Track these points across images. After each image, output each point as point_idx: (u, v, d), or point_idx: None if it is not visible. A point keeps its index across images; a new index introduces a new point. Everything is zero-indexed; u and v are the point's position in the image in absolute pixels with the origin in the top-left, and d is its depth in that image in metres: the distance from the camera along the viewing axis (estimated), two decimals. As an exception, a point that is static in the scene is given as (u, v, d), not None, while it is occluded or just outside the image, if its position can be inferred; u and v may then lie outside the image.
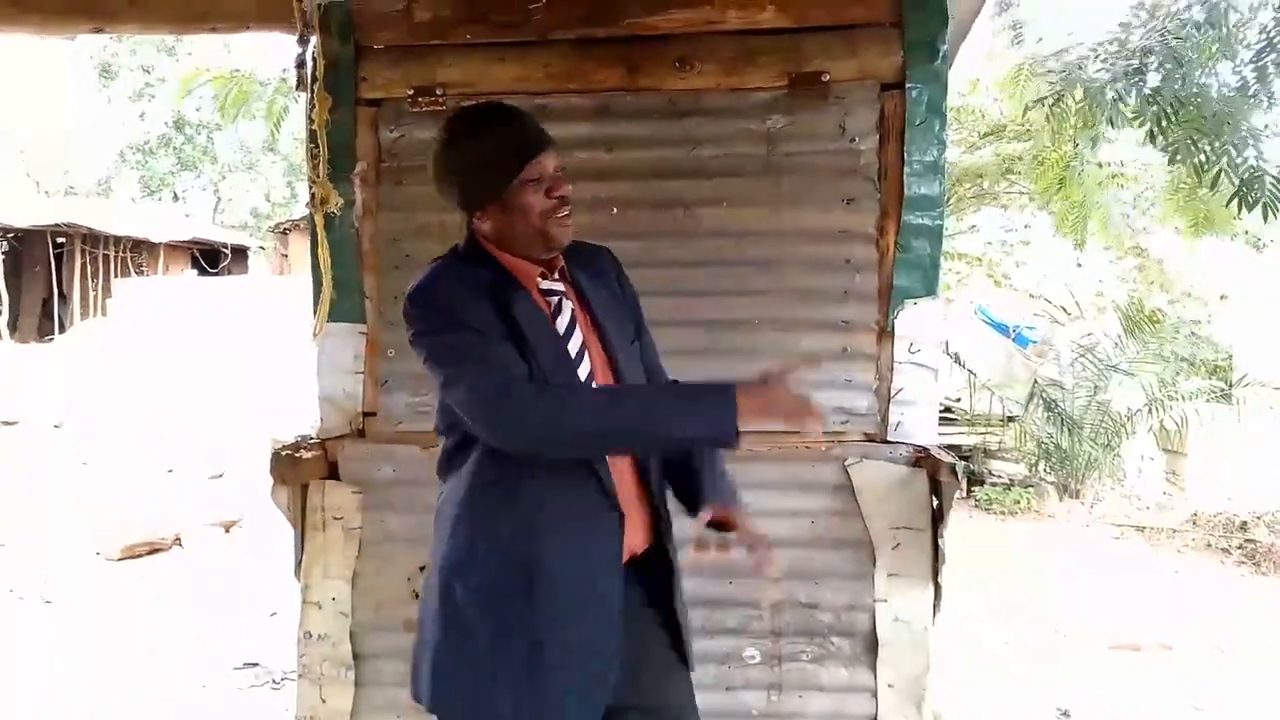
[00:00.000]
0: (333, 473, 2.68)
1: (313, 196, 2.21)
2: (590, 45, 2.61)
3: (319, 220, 2.26)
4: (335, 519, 2.68)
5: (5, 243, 20.73)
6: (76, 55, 27.99)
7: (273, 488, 2.59)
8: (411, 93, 2.65)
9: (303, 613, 2.70)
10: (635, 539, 1.75)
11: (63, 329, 19.30)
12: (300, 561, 2.70)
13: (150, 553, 6.54)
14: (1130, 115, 4.47)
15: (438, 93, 2.64)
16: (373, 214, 2.68)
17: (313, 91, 2.48)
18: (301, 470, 2.61)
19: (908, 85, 2.55)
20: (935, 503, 2.53)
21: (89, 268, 21.10)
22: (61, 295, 20.89)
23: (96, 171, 29.57)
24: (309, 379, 2.73)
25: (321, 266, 2.57)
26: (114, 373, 12.97)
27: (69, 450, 9.80)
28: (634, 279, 1.96)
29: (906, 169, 2.56)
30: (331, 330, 2.69)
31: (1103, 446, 8.03)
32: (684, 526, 1.86)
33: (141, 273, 22.20)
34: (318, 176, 2.24)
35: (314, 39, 2.32)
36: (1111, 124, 4.62)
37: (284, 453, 2.59)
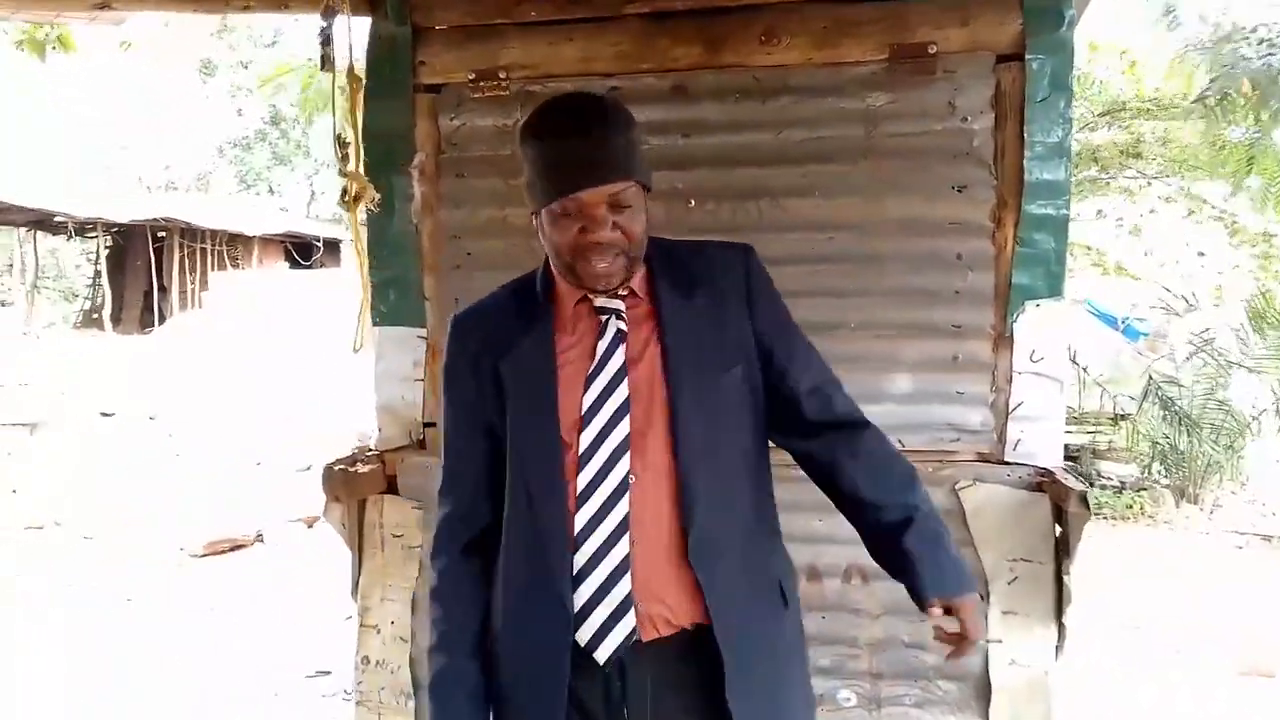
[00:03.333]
0: (391, 487, 2.50)
1: (343, 193, 1.98)
2: (666, 20, 2.36)
3: (353, 219, 2.03)
4: (394, 536, 2.50)
5: (109, 237, 21.46)
6: (178, 52, 28.80)
7: (326, 505, 2.42)
8: (473, 77, 2.44)
9: (360, 637, 2.54)
10: (676, 618, 1.43)
11: (163, 321, 19.87)
12: (357, 582, 2.53)
13: (232, 549, 6.54)
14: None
15: (500, 76, 2.43)
16: (432, 209, 2.48)
17: (337, 70, 2.23)
18: (358, 485, 2.44)
19: (1028, 56, 2.24)
20: (1059, 531, 2.23)
21: (187, 261, 21.67)
22: (162, 288, 21.52)
23: (196, 167, 30.41)
24: (367, 388, 2.55)
25: (360, 271, 2.36)
26: (208, 365, 13.23)
27: (161, 443, 9.98)
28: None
29: (1026, 151, 2.25)
30: (389, 335, 2.51)
31: (1224, 448, 7.48)
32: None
33: (237, 266, 22.71)
34: (348, 169, 2.00)
35: (344, 14, 2.08)
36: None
37: (337, 467, 2.41)
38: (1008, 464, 2.28)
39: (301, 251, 25.02)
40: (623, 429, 1.41)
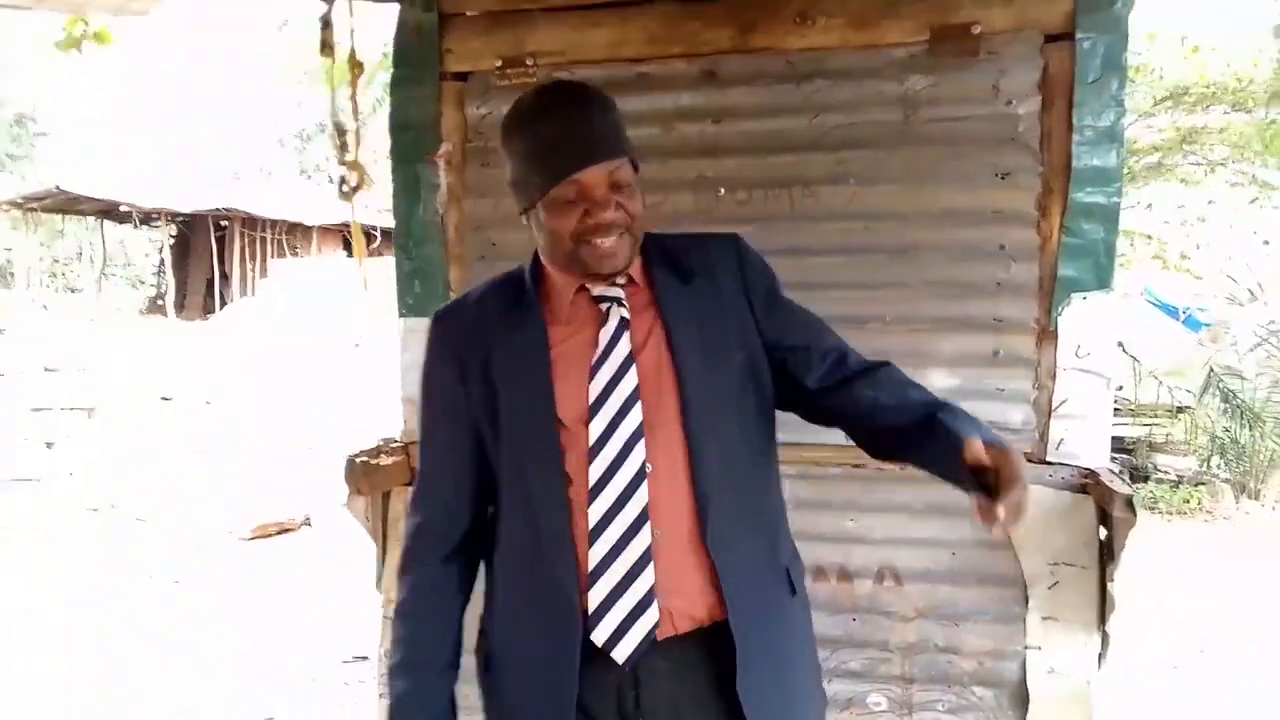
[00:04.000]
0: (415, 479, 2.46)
1: (342, 182, 1.93)
2: (696, 2, 2.28)
3: (352, 210, 1.97)
4: (420, 530, 2.46)
5: (174, 227, 21.93)
6: (240, 46, 29.30)
7: (348, 497, 2.39)
8: (500, 64, 2.39)
9: (384, 630, 2.51)
10: (697, 612, 1.38)
11: (224, 308, 20.25)
12: (381, 576, 2.51)
13: (279, 533, 6.62)
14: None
15: (528, 63, 2.37)
16: (458, 199, 2.44)
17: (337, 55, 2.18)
18: (381, 477, 2.41)
19: (1078, 36, 2.12)
20: (1103, 535, 2.13)
21: (248, 250, 22.06)
22: (224, 276, 21.94)
23: (259, 158, 30.95)
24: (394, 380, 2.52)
25: (359, 263, 2.31)
26: (264, 351, 13.44)
27: (217, 427, 10.15)
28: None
29: (1075, 136, 2.13)
30: (414, 326, 2.47)
31: (1287, 442, 7.21)
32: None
33: (296, 254, 23.06)
34: (346, 158, 1.95)
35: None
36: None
37: (359, 459, 2.38)
38: (1050, 464, 2.18)
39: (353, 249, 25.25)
40: (634, 417, 1.37)
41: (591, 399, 1.37)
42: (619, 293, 1.43)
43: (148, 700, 3.95)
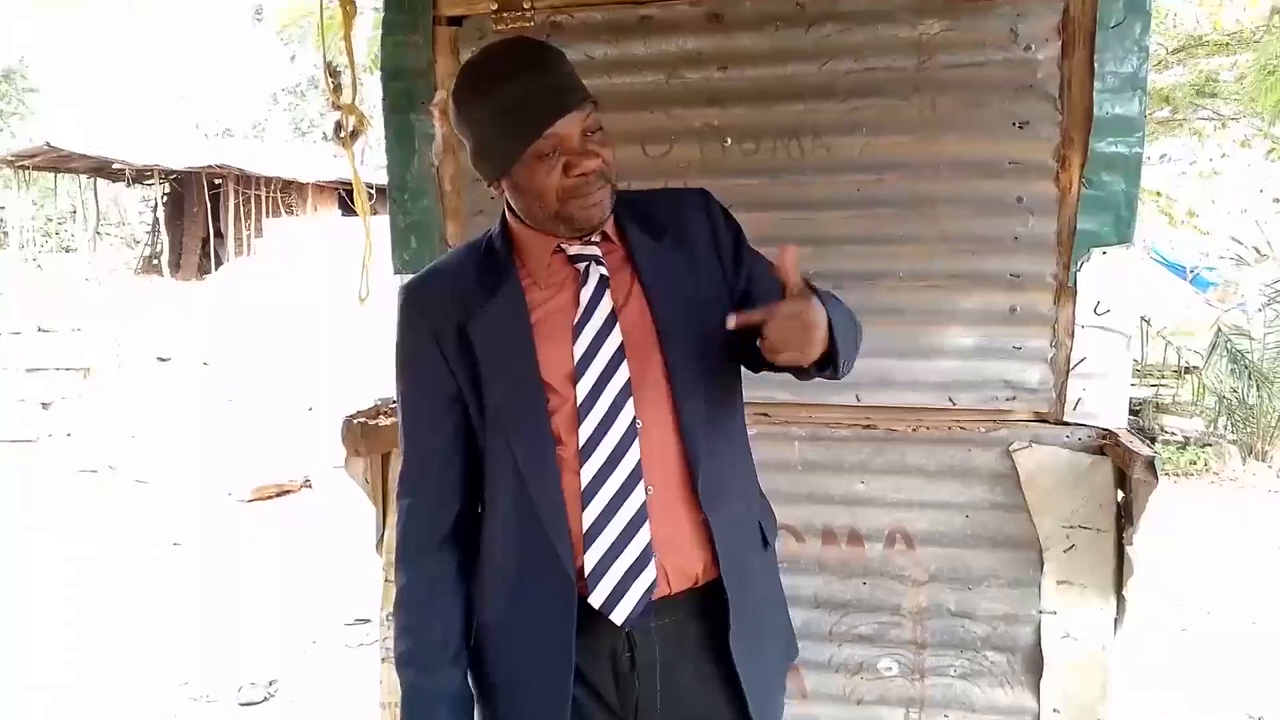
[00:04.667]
0: (415, 440, 2.39)
1: (338, 127, 1.84)
2: (703, -59, 2.17)
3: (349, 155, 1.88)
4: (419, 492, 2.40)
5: (167, 184, 21.70)
6: (233, 1, 28.92)
7: (346, 459, 2.33)
8: (495, 7, 2.28)
9: (384, 593, 2.47)
10: (691, 568, 1.38)
11: (219, 267, 20.11)
12: (382, 538, 2.45)
13: (279, 494, 6.59)
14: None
15: (525, 6, 2.27)
16: (454, 151, 2.35)
17: None
18: (379, 439, 2.34)
19: (1101, -24, 2.02)
20: (1121, 497, 2.07)
21: (242, 208, 21.85)
22: (218, 234, 21.75)
23: (251, 114, 30.66)
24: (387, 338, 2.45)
25: (360, 214, 2.22)
26: (261, 311, 13.34)
27: (215, 388, 10.10)
28: (749, 226, 1.53)
29: (1097, 83, 2.04)
30: (410, 283, 2.39)
31: (1297, 403, 7.16)
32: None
33: (291, 212, 22.85)
34: (341, 100, 1.85)
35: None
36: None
37: (357, 421, 2.32)
38: (1067, 424, 2.11)
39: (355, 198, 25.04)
40: (621, 375, 1.35)
41: (576, 359, 1.35)
42: (595, 251, 1.39)
43: (148, 663, 3.92)
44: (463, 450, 1.42)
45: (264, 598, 4.66)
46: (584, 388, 1.34)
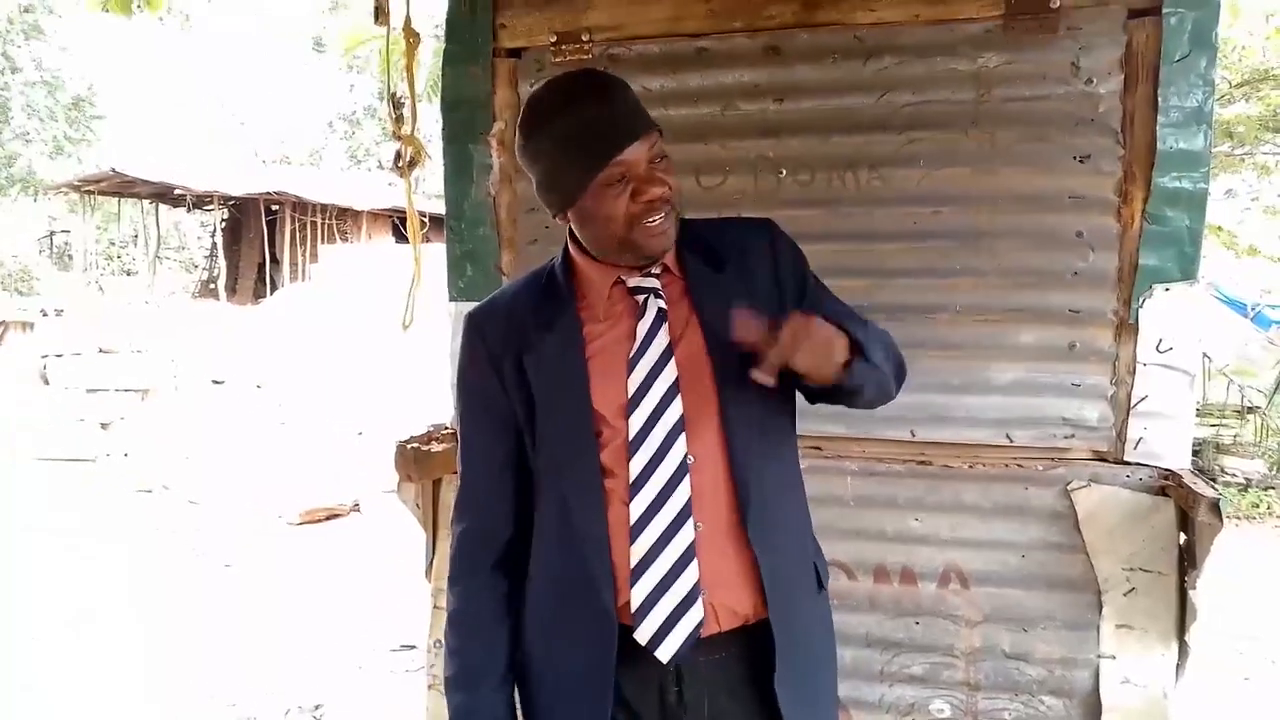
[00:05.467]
0: (466, 467, 2.41)
1: (397, 156, 1.87)
2: (760, -26, 2.19)
3: (407, 185, 1.91)
4: (468, 518, 2.41)
5: (226, 210, 22.20)
6: (293, 30, 29.61)
7: (399, 484, 2.35)
8: (554, 40, 2.31)
9: (433, 620, 2.48)
10: (741, 607, 1.35)
11: (274, 292, 20.46)
12: (431, 564, 2.46)
13: (328, 518, 6.65)
14: None
15: (584, 39, 2.30)
16: (510, 181, 2.37)
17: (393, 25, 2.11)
18: (431, 464, 2.36)
19: (1165, 10, 2.00)
20: (1184, 539, 2.01)
21: (298, 234, 22.25)
22: (274, 260, 22.16)
23: (309, 142, 31.22)
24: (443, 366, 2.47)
25: (412, 242, 2.25)
26: (315, 335, 13.52)
27: (268, 411, 10.23)
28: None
29: (1160, 118, 2.01)
30: (464, 310, 2.41)
31: (1362, 444, 6.95)
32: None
33: (346, 239, 23.22)
34: (402, 131, 1.88)
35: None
36: None
37: (410, 446, 2.33)
38: (1128, 464, 2.06)
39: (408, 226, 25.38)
40: (675, 410, 1.34)
41: (631, 392, 1.34)
42: (655, 284, 1.38)
43: (197, 684, 3.96)
44: (516, 478, 1.43)
45: (312, 621, 4.69)
46: (637, 421, 1.33)
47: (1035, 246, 2.10)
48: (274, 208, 22.09)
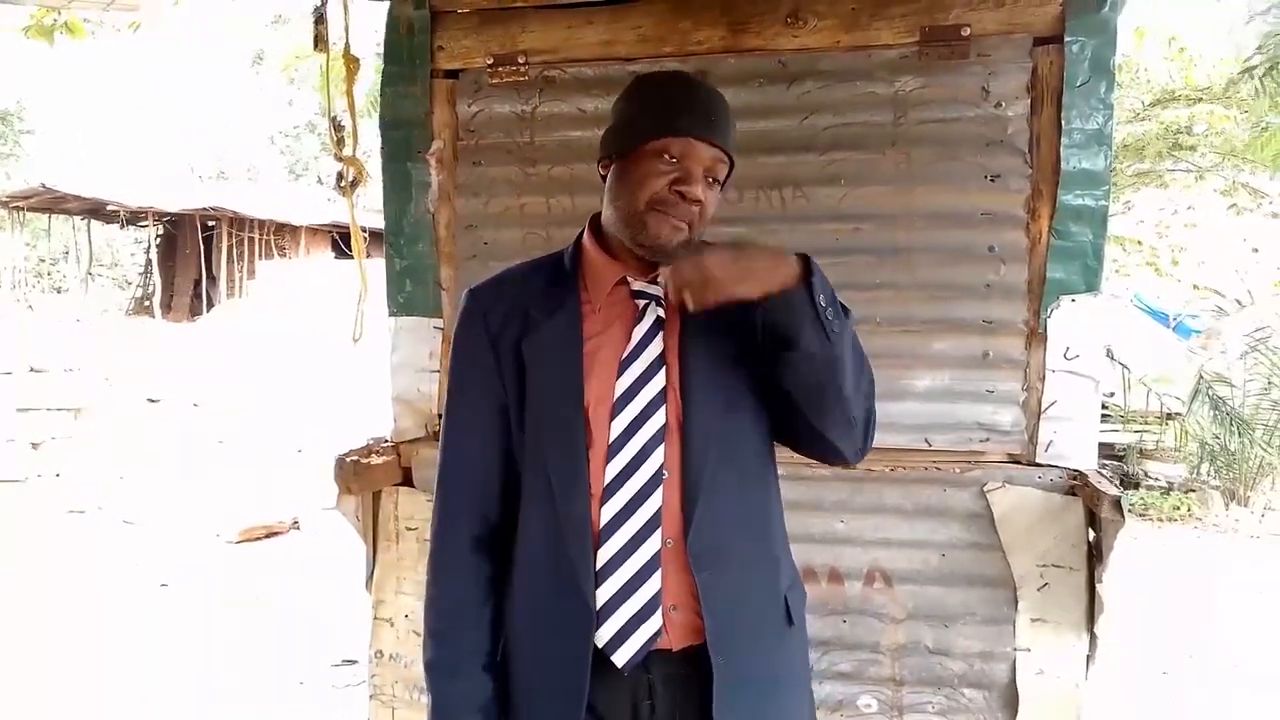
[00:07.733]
0: (406, 479, 2.45)
1: (339, 177, 1.92)
2: (688, 2, 2.28)
3: (349, 205, 1.97)
4: (409, 529, 2.46)
5: (160, 226, 21.81)
6: (231, 44, 29.23)
7: (338, 497, 2.38)
8: (491, 62, 2.38)
9: (373, 630, 2.51)
10: (695, 628, 1.36)
11: (211, 309, 20.14)
12: (372, 575, 2.50)
13: (267, 536, 6.59)
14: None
15: (520, 61, 2.37)
16: (449, 198, 2.43)
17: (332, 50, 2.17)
18: (371, 477, 2.39)
19: (1067, 39, 2.13)
20: (1093, 537, 2.13)
21: (235, 250, 21.93)
22: (211, 276, 21.81)
23: (247, 157, 30.82)
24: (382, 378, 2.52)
25: (356, 259, 2.30)
26: (253, 352, 13.36)
27: (205, 429, 10.10)
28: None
29: (1064, 139, 2.14)
30: (405, 325, 2.47)
31: (1276, 449, 7.25)
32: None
33: (284, 255, 22.93)
34: (343, 153, 1.94)
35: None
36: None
37: (350, 459, 2.37)
38: (1039, 466, 2.18)
39: (348, 241, 25.07)
40: (657, 420, 1.35)
41: (616, 395, 1.35)
42: (659, 291, 1.38)
43: (134, 704, 3.92)
44: (503, 461, 1.43)
45: (251, 638, 4.66)
46: (618, 426, 1.34)
47: (950, 261, 2.21)
48: (210, 223, 21.76)
